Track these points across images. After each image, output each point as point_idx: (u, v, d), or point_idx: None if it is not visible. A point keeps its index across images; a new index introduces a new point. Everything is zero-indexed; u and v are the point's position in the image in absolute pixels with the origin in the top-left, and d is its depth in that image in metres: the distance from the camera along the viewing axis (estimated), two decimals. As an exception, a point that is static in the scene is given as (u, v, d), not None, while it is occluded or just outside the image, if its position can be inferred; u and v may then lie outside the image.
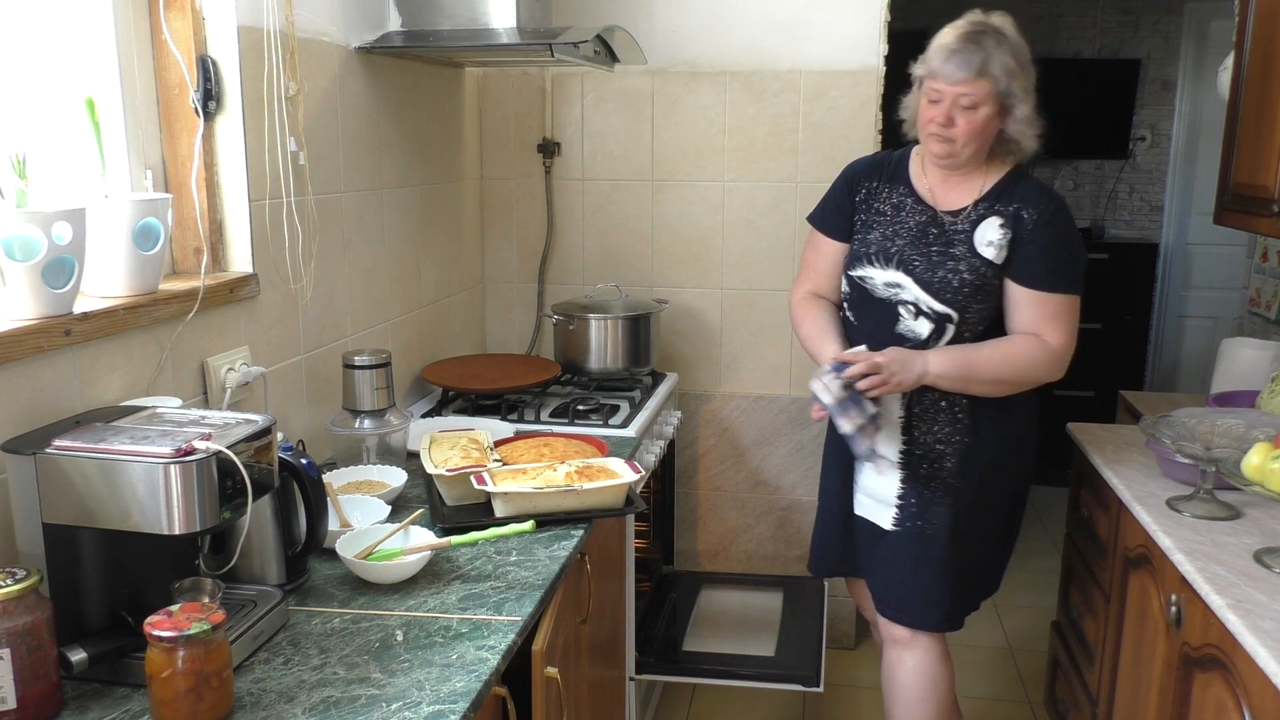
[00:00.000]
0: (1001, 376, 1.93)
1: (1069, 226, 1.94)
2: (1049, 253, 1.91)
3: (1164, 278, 5.27)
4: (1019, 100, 1.86)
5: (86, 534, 1.21)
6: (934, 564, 1.99)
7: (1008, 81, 1.83)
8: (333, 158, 2.09)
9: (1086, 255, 1.97)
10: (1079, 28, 5.32)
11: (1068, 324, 1.93)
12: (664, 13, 2.82)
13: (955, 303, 1.92)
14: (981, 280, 1.92)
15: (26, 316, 1.36)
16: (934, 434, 1.99)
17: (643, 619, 2.53)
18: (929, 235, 1.96)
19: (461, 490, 1.77)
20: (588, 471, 1.78)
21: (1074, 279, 1.93)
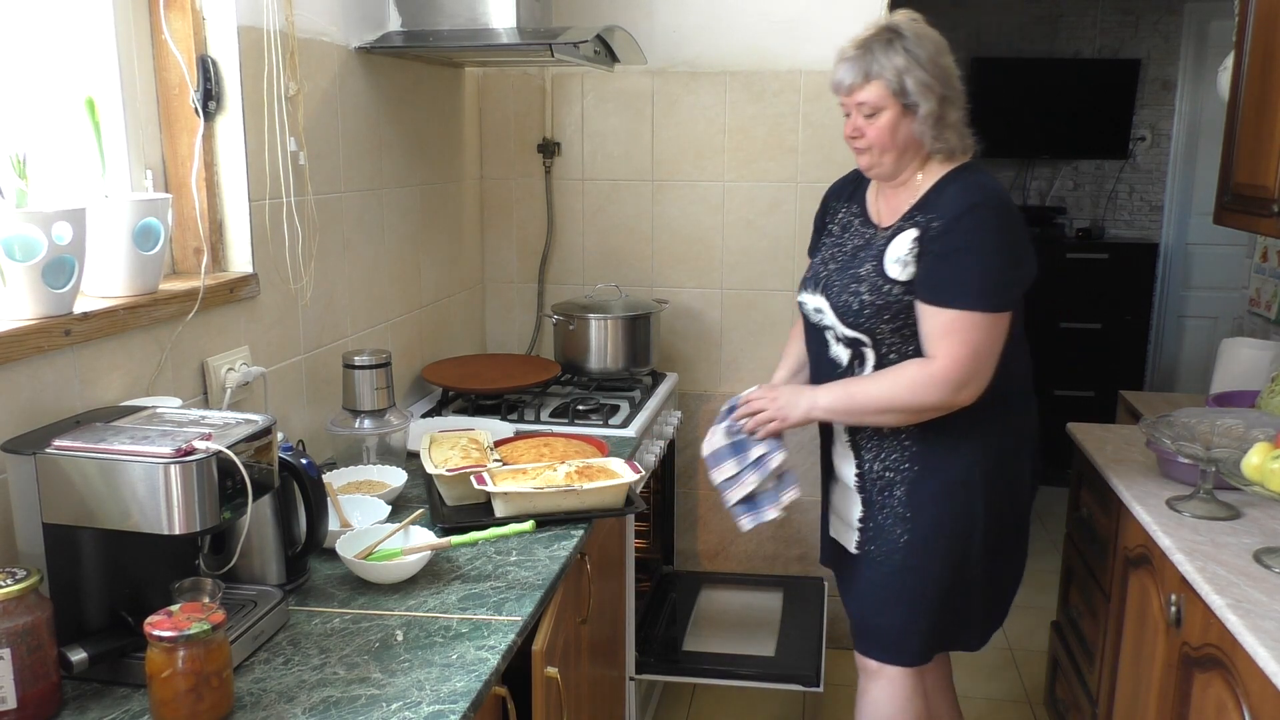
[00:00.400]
0: (884, 405, 1.76)
1: (980, 232, 1.71)
2: (942, 262, 1.72)
3: (1164, 278, 5.27)
4: (920, 97, 1.72)
5: (86, 534, 1.21)
6: (891, 592, 1.85)
7: (900, 80, 1.72)
8: (333, 158, 2.09)
9: (1014, 267, 1.73)
10: (1079, 28, 5.32)
11: (959, 344, 1.70)
12: (664, 13, 2.82)
13: (860, 326, 1.79)
14: (885, 300, 1.76)
15: (26, 316, 1.36)
16: (882, 461, 1.86)
17: (643, 619, 2.53)
18: (859, 256, 1.84)
19: (461, 490, 1.77)
20: (587, 471, 1.79)
21: (972, 292, 1.69)
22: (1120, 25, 5.27)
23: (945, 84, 1.75)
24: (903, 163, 1.80)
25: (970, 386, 1.72)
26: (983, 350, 1.71)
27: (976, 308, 1.69)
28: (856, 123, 1.78)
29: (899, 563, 1.84)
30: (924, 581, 1.83)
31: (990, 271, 1.71)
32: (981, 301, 1.69)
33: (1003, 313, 1.72)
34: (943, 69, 1.75)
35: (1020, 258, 1.74)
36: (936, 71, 1.74)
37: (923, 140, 1.76)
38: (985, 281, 1.70)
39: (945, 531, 1.82)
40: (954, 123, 1.76)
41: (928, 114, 1.73)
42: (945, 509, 1.82)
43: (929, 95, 1.73)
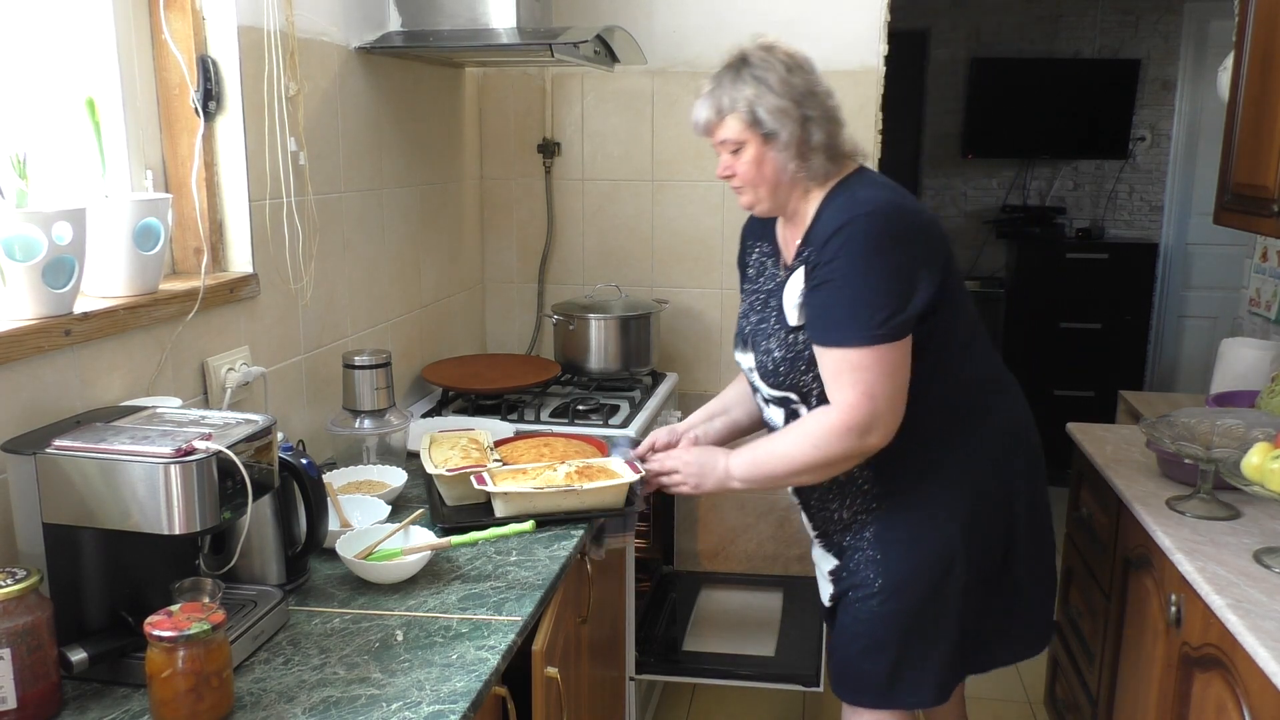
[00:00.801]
0: (794, 468, 1.61)
1: (847, 257, 1.52)
2: (817, 297, 1.56)
3: (1164, 278, 5.27)
4: (776, 124, 1.57)
5: (86, 534, 1.21)
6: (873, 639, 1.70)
7: (751, 110, 1.58)
8: (333, 158, 2.09)
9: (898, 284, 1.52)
10: (1079, 28, 5.32)
11: (850, 387, 1.53)
12: (664, 13, 2.82)
13: (782, 384, 1.66)
14: (794, 352, 1.63)
15: (27, 316, 1.36)
16: (848, 507, 1.73)
17: (643, 619, 2.53)
18: (769, 304, 1.70)
19: (461, 490, 1.77)
20: (588, 471, 1.78)
21: (849, 327, 1.52)
22: (1120, 25, 5.27)
23: (802, 103, 1.58)
24: (782, 195, 1.65)
25: (877, 429, 1.54)
26: (879, 389, 1.53)
27: (857, 343, 1.51)
28: (725, 161, 1.65)
29: (875, 609, 1.69)
30: (907, 623, 1.68)
31: (864, 299, 1.51)
32: (861, 335, 1.51)
33: (889, 343, 1.51)
34: (796, 88, 1.58)
35: (906, 272, 1.53)
36: (789, 92, 1.58)
37: (787, 169, 1.60)
38: (860, 312, 1.51)
39: (921, 568, 1.66)
40: (819, 144, 1.59)
41: (789, 140, 1.58)
42: (918, 544, 1.67)
43: (785, 120, 1.58)
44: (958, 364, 1.66)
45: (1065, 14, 5.31)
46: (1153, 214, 5.39)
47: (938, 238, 1.61)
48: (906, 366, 1.56)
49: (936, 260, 1.57)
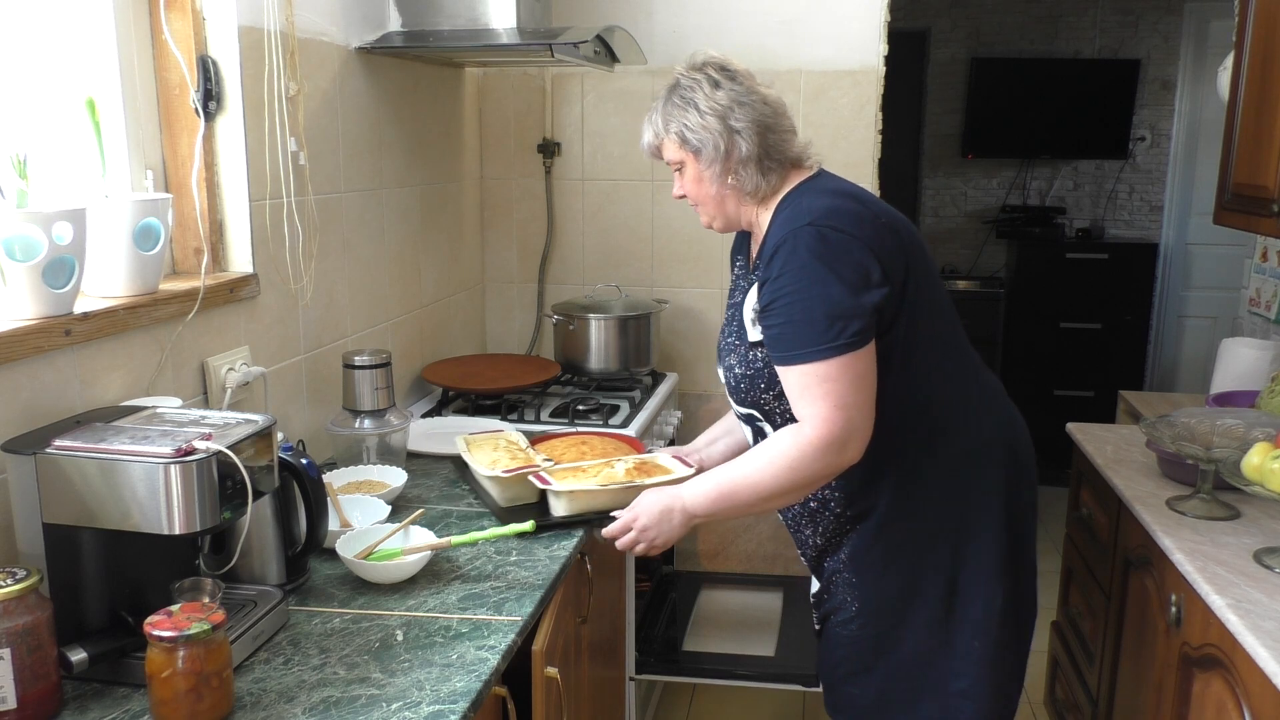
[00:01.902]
0: (767, 493, 1.52)
1: (792, 269, 1.47)
2: (770, 314, 1.50)
3: (1164, 278, 5.27)
4: (701, 143, 1.56)
5: (86, 534, 1.21)
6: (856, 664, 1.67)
7: (681, 130, 1.58)
8: (333, 158, 2.09)
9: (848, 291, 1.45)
10: (1079, 28, 5.32)
11: (820, 400, 1.46)
12: (664, 13, 2.82)
13: (745, 401, 1.62)
14: (754, 369, 1.58)
15: (27, 316, 1.36)
16: (822, 533, 1.67)
17: (643, 619, 2.53)
18: (734, 319, 1.66)
19: (515, 491, 1.77)
20: (645, 468, 1.75)
21: (807, 340, 1.45)
22: (1120, 25, 5.27)
23: (727, 117, 1.55)
24: (729, 209, 1.63)
25: (853, 442, 1.48)
26: (850, 399, 1.46)
27: (820, 357, 1.45)
28: (676, 181, 1.66)
29: (855, 633, 1.65)
30: (882, 651, 1.64)
31: (818, 312, 1.45)
32: (822, 349, 1.45)
33: (852, 352, 1.45)
34: (720, 103, 1.55)
35: (856, 277, 1.46)
36: (712, 108, 1.55)
37: (720, 183, 1.59)
38: (817, 324, 1.45)
39: (894, 590, 1.62)
40: (748, 156, 1.56)
41: (714, 155, 1.57)
42: (884, 572, 1.62)
43: (708, 135, 1.56)
44: (926, 380, 1.57)
45: (1065, 14, 5.31)
46: (1153, 214, 5.39)
47: (890, 238, 1.52)
48: (873, 374, 1.49)
49: (889, 260, 1.50)
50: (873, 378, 1.49)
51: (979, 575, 1.59)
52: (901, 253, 1.53)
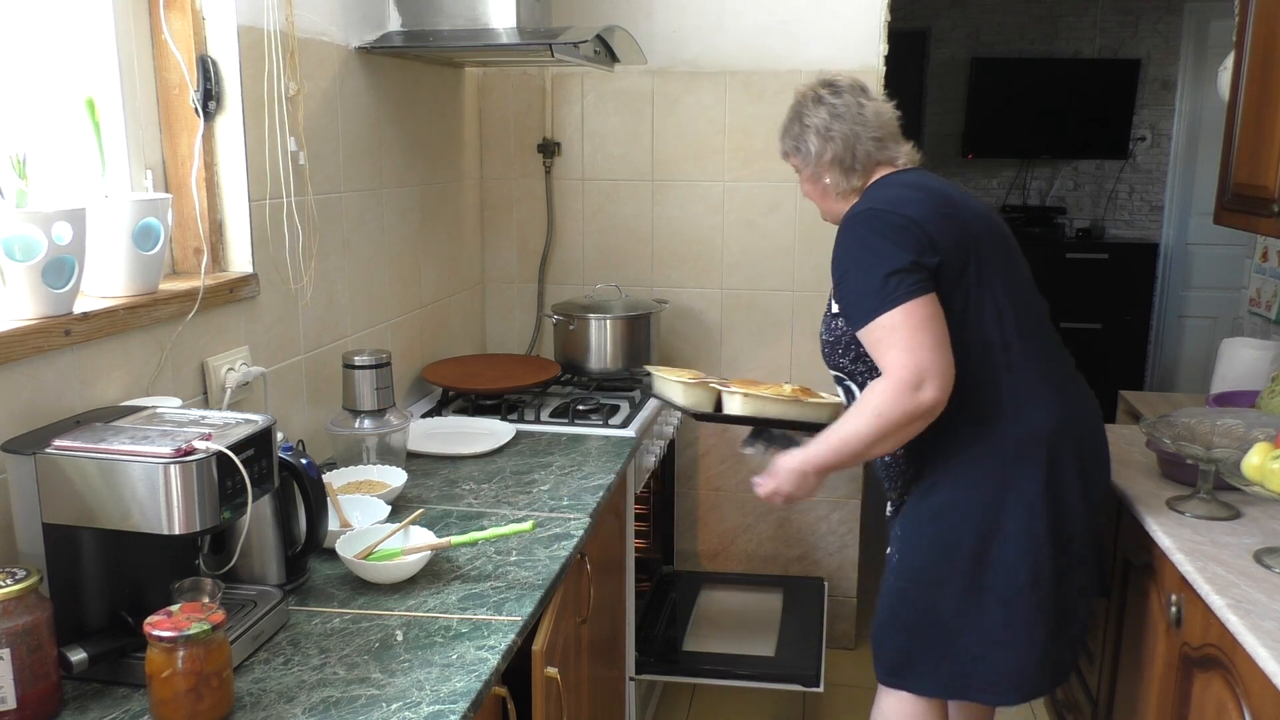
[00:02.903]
0: (868, 438, 1.67)
1: (846, 246, 1.71)
2: (840, 289, 1.73)
3: (1164, 278, 5.27)
4: (801, 154, 1.86)
5: (86, 534, 1.21)
6: (885, 614, 1.81)
7: (793, 143, 1.87)
8: (333, 158, 2.09)
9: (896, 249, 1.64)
10: (1079, 28, 5.32)
11: (890, 349, 1.63)
12: (664, 13, 2.82)
13: (832, 365, 1.86)
14: (835, 336, 1.81)
15: (26, 316, 1.36)
16: (896, 489, 1.88)
17: (643, 619, 2.53)
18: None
19: (697, 397, 2.04)
20: (807, 391, 2.01)
21: (870, 301, 1.65)
22: (1120, 25, 5.28)
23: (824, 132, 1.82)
24: (830, 206, 1.90)
25: (929, 382, 1.60)
26: (917, 341, 1.61)
27: (881, 310, 1.63)
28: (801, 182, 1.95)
29: (891, 584, 1.80)
30: (912, 607, 1.76)
31: (871, 272, 1.65)
32: (883, 303, 1.63)
33: (910, 300, 1.61)
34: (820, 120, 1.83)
35: (898, 239, 1.65)
36: (813, 123, 1.84)
37: (818, 185, 1.88)
38: (872, 284, 1.65)
39: (924, 558, 1.74)
40: (832, 160, 1.83)
41: (807, 162, 1.87)
42: (921, 535, 1.75)
43: (807, 147, 1.85)
44: (981, 364, 1.69)
45: (1065, 14, 5.31)
46: (1153, 214, 5.40)
47: (950, 224, 1.69)
48: (938, 321, 1.63)
49: (944, 238, 1.66)
50: (938, 323, 1.63)
51: (1008, 554, 1.69)
52: (965, 238, 1.70)
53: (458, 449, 2.13)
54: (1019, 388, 1.71)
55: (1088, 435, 1.78)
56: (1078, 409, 1.78)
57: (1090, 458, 1.78)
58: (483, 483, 1.96)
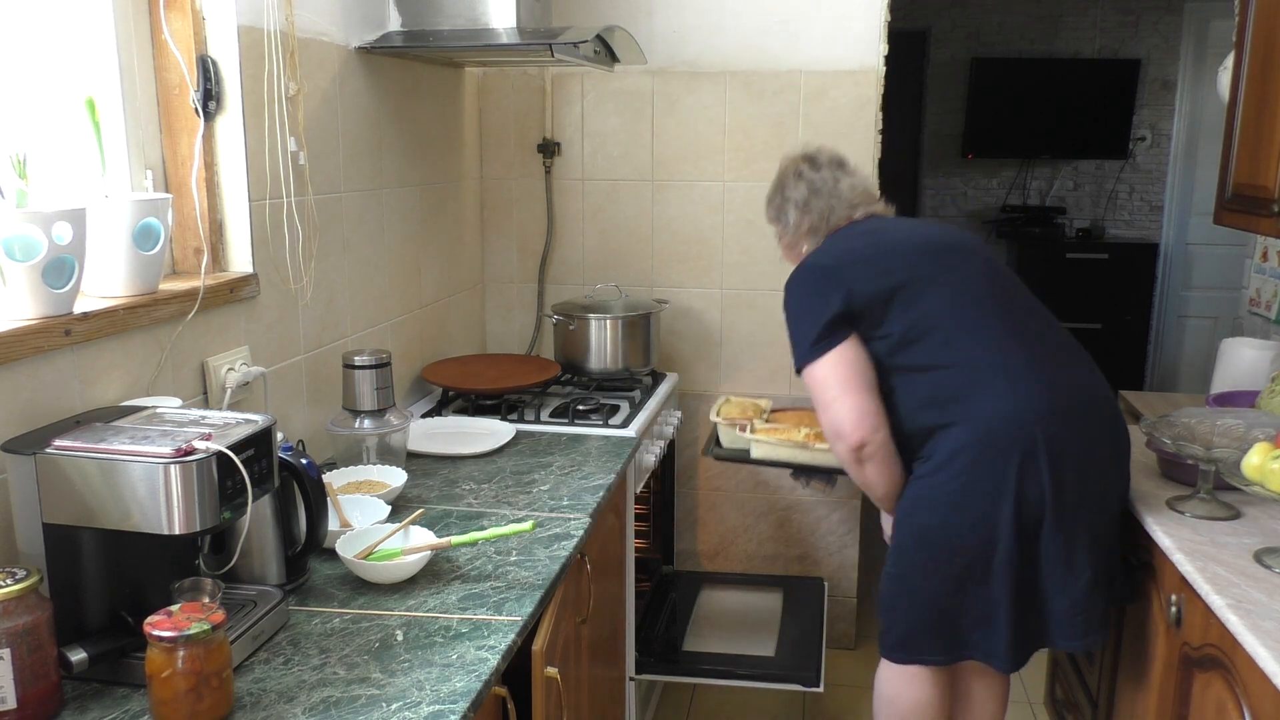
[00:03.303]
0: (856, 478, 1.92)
1: (788, 298, 1.91)
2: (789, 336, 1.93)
3: (1164, 278, 5.27)
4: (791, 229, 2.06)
5: (86, 534, 1.21)
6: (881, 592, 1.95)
7: (775, 215, 2.10)
8: (333, 158, 2.09)
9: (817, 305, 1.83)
10: (1079, 28, 5.32)
11: (818, 405, 1.86)
12: (664, 13, 2.82)
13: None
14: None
15: (26, 316, 1.36)
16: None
17: (643, 619, 2.53)
18: None
19: (732, 435, 2.32)
20: (822, 437, 2.07)
21: (800, 354, 1.86)
22: (1120, 25, 5.28)
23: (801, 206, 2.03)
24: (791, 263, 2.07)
25: (850, 432, 1.81)
26: (828, 396, 1.83)
27: (807, 361, 1.84)
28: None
29: (887, 569, 1.94)
30: (908, 585, 1.89)
31: (799, 325, 1.87)
32: (807, 355, 1.84)
33: (827, 353, 1.81)
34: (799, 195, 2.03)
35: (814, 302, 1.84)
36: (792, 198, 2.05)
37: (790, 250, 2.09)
38: (799, 337, 1.87)
39: (910, 542, 1.88)
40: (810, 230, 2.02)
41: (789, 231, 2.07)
42: (909, 522, 1.88)
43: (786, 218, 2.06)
44: (935, 371, 1.83)
45: (1065, 14, 5.31)
46: (1153, 214, 5.40)
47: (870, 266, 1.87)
48: (854, 363, 1.82)
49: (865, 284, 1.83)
50: (853, 367, 1.82)
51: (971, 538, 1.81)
52: (897, 270, 1.85)
53: (458, 449, 2.13)
54: (969, 388, 1.81)
55: (1056, 423, 1.78)
56: (1037, 400, 1.79)
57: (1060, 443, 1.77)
58: (483, 483, 1.96)
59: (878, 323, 1.83)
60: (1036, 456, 1.76)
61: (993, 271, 1.93)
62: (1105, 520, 1.85)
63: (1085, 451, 1.81)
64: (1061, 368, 1.87)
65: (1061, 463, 1.77)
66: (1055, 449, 1.77)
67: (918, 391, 1.83)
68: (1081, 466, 1.80)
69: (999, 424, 1.78)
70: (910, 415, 1.84)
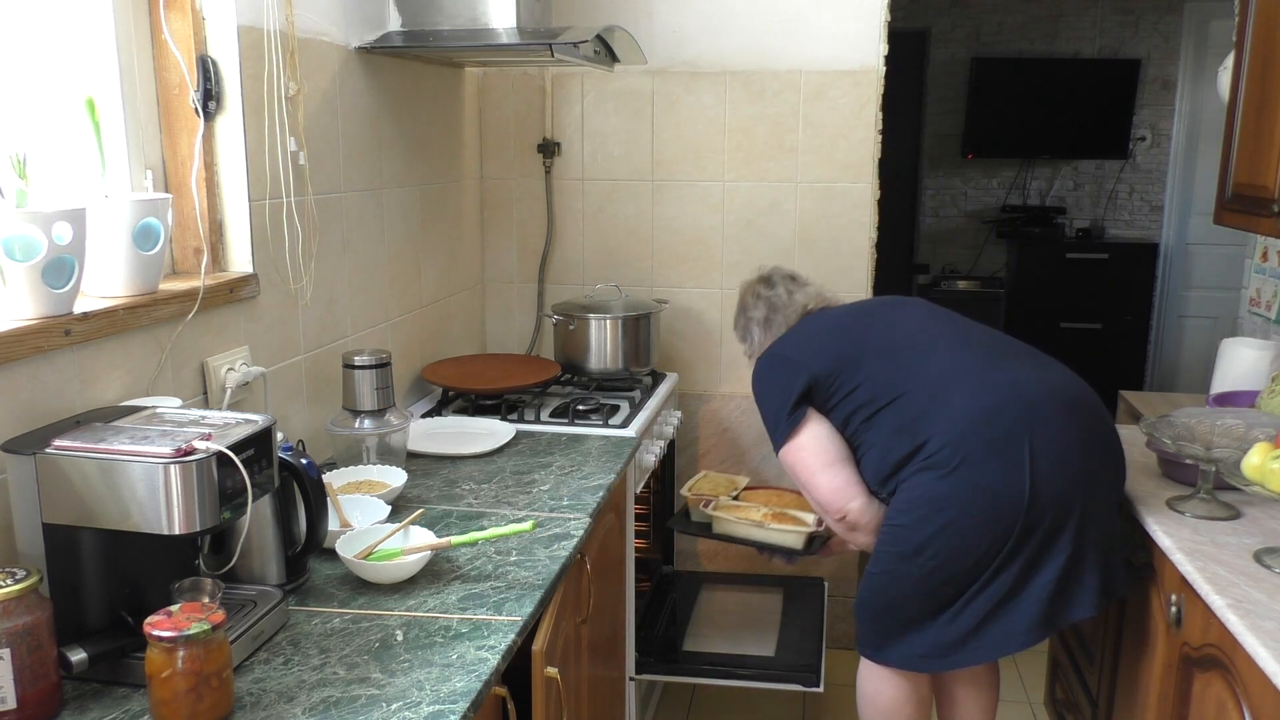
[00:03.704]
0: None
1: (754, 383, 2.09)
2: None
3: (1164, 278, 5.27)
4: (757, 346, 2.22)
5: (86, 534, 1.21)
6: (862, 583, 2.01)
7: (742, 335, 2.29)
8: (333, 158, 2.09)
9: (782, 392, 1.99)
10: (1079, 28, 5.32)
11: (800, 482, 2.03)
12: (664, 13, 2.82)
13: None
14: None
15: (26, 316, 1.36)
16: None
17: (643, 619, 2.53)
18: None
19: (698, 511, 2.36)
20: (780, 516, 2.28)
21: (774, 435, 2.03)
22: (1120, 25, 5.28)
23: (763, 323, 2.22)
24: None
25: (831, 508, 1.98)
26: (804, 479, 2.00)
27: (780, 442, 2.01)
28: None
29: (869, 569, 1.98)
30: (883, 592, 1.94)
31: (768, 407, 2.03)
32: (779, 435, 2.01)
33: (796, 432, 1.98)
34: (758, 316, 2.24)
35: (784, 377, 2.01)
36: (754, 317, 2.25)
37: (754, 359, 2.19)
38: (770, 418, 2.03)
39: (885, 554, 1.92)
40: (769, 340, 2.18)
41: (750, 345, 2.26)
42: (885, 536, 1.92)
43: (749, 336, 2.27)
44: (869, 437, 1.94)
45: (1065, 14, 5.31)
46: (1153, 214, 5.40)
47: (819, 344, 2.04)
48: (821, 437, 1.98)
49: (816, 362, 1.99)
50: (821, 441, 1.98)
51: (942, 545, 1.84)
52: (838, 346, 2.02)
53: (458, 449, 2.13)
54: (930, 401, 1.87)
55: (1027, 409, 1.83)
56: (1006, 390, 1.86)
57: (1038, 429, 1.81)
58: (483, 483, 1.96)
59: (834, 390, 1.97)
60: (1019, 444, 1.78)
61: (936, 310, 2.11)
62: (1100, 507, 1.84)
63: (1064, 436, 1.82)
64: (1026, 367, 1.93)
65: (1042, 449, 1.79)
66: (1034, 435, 1.79)
67: (885, 428, 1.90)
68: (1062, 450, 1.80)
69: (976, 416, 1.82)
70: (885, 453, 1.89)
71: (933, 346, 1.97)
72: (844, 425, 1.97)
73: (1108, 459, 1.90)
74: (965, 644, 1.86)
